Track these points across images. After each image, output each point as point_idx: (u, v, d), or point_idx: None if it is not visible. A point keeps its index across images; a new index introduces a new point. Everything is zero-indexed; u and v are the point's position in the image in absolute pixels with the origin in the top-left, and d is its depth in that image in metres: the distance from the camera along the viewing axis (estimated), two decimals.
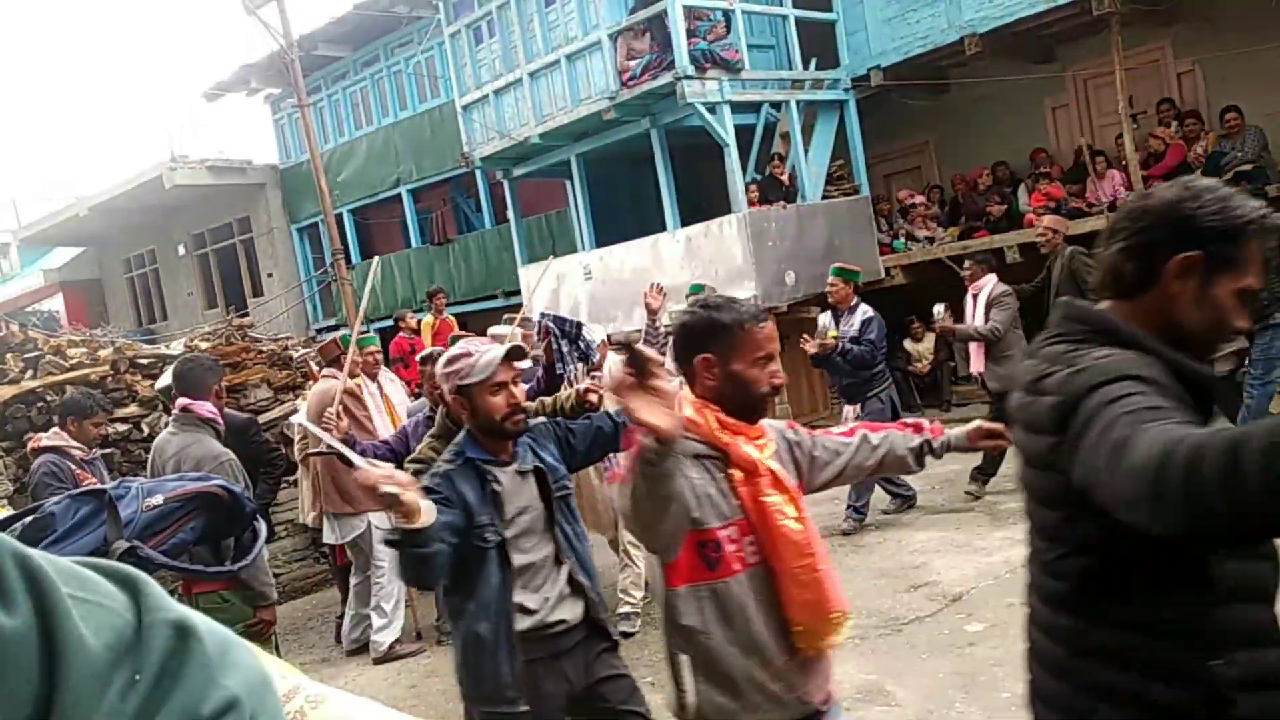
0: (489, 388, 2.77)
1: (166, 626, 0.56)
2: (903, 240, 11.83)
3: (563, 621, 2.86)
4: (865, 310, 6.82)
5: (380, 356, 6.53)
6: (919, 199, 12.10)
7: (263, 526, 3.30)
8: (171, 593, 3.87)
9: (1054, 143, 11.77)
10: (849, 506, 6.89)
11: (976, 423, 2.52)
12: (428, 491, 2.58)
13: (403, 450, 4.32)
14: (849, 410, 6.88)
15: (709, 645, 2.09)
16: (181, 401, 4.18)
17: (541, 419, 3.16)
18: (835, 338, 6.72)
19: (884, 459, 2.47)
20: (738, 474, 2.12)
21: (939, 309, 7.26)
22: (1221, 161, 9.40)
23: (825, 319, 7.13)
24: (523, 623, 2.79)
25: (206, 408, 4.16)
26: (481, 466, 2.79)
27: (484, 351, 2.80)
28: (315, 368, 6.48)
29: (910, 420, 2.64)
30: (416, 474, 3.30)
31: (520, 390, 2.87)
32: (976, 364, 7.31)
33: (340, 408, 4.45)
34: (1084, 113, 11.71)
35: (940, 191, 12.52)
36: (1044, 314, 6.69)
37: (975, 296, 7.30)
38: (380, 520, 5.94)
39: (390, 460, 4.33)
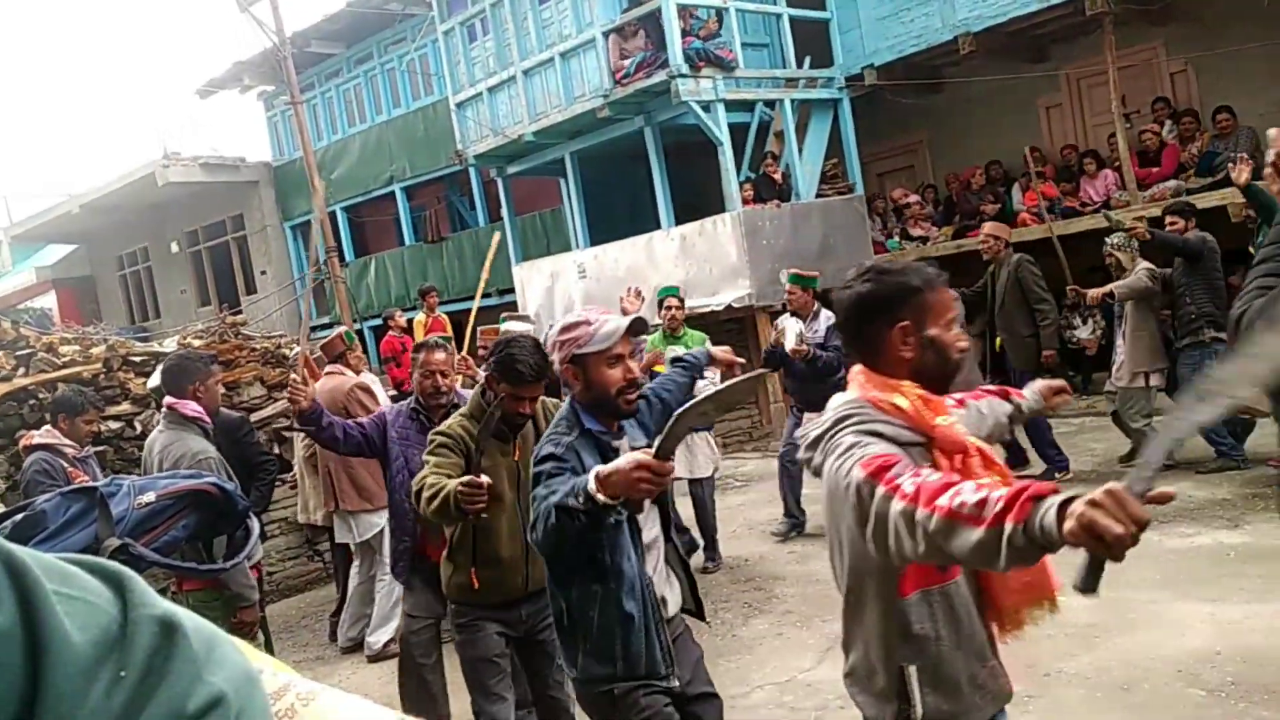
0: (607, 359, 2.59)
1: (152, 623, 0.55)
2: (897, 239, 11.84)
3: (664, 601, 2.73)
4: (829, 316, 6.50)
5: (363, 356, 6.53)
6: (913, 198, 12.11)
7: (255, 525, 3.30)
8: (163, 590, 3.87)
9: (1048, 142, 11.79)
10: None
11: (1042, 382, 2.49)
12: (553, 459, 2.52)
13: (376, 435, 4.16)
14: (810, 417, 6.71)
15: (939, 651, 1.94)
16: (167, 400, 4.20)
17: None
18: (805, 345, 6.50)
19: (992, 427, 2.38)
20: (942, 459, 1.93)
21: None
22: (1215, 161, 9.43)
23: (789, 321, 6.85)
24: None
25: (191, 406, 4.17)
26: (601, 439, 2.63)
27: (605, 320, 2.62)
28: (315, 365, 6.45)
29: (991, 387, 2.57)
30: (440, 446, 3.29)
31: (637, 365, 2.71)
32: None
33: (300, 382, 4.32)
34: (1077, 112, 11.73)
35: (934, 190, 12.53)
36: (988, 319, 6.67)
37: None
38: None
39: (361, 442, 4.16)
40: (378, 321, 14.17)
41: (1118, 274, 6.87)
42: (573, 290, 12.29)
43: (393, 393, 10.05)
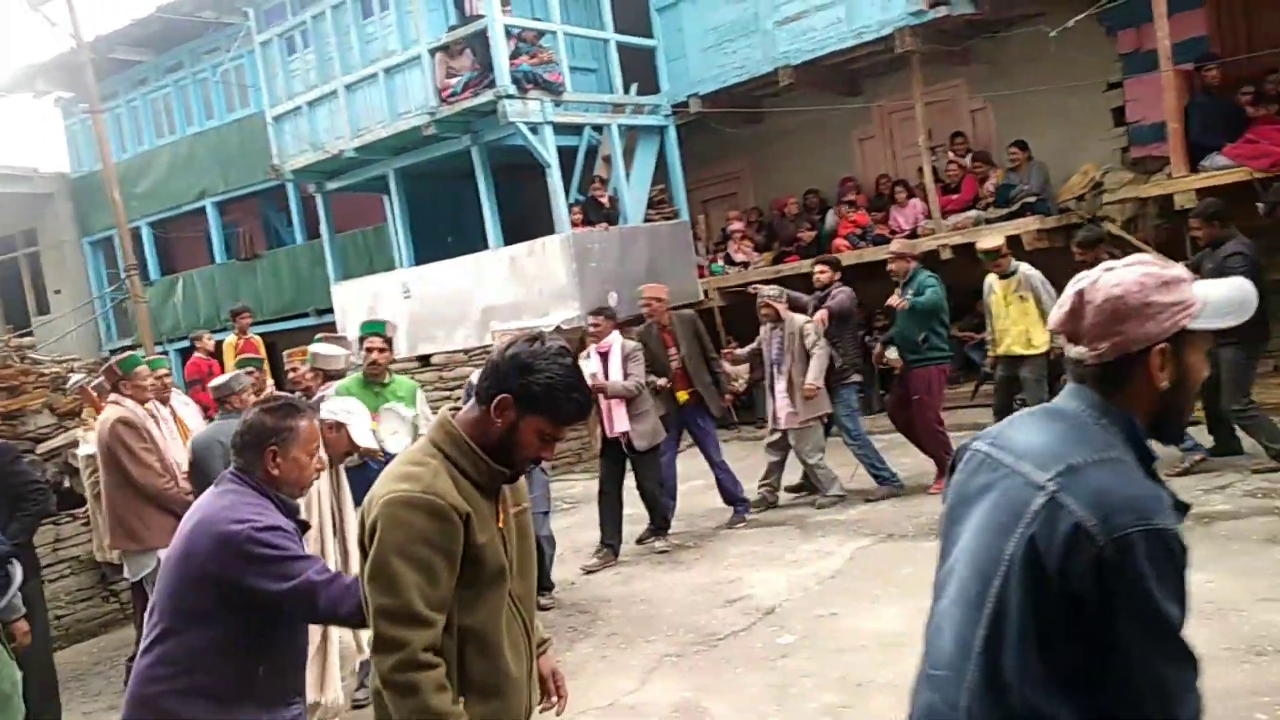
0: (1204, 342, 1.61)
1: None
2: (721, 264, 12.12)
3: None
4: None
5: (171, 380, 6.13)
6: (736, 225, 12.45)
7: (18, 570, 2.98)
8: None
9: (861, 172, 12.35)
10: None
11: None
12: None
13: None
14: None
15: None
16: None
17: None
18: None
19: None
20: None
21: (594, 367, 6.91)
22: (1010, 194, 10.11)
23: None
24: None
25: None
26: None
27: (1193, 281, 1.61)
28: (95, 394, 6.01)
29: None
30: (425, 545, 1.99)
31: None
32: (620, 424, 6.69)
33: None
34: (888, 144, 12.34)
35: (759, 214, 12.87)
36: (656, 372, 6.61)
37: (605, 355, 6.81)
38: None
39: None
40: (186, 344, 13.41)
41: (774, 325, 7.35)
42: (396, 311, 11.98)
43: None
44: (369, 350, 5.40)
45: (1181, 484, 6.44)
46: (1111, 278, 1.59)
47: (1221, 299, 1.58)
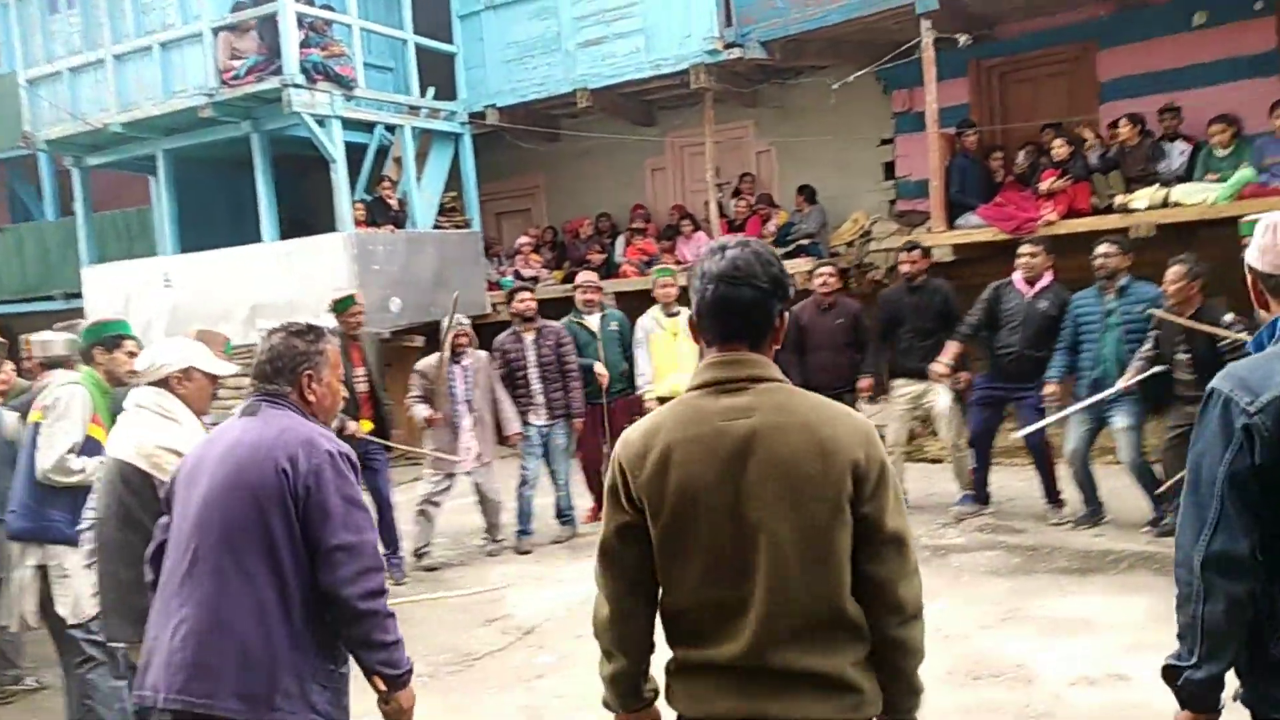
0: None
1: None
2: (510, 279, 12.03)
3: None
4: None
5: None
6: (524, 240, 12.42)
7: None
8: None
9: (652, 200, 12.61)
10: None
11: None
12: None
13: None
14: None
15: None
16: None
17: None
18: None
19: None
20: None
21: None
22: (789, 234, 10.62)
23: None
24: None
25: None
26: None
27: None
28: None
29: None
30: None
31: None
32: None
33: None
34: (679, 176, 12.67)
35: (555, 232, 12.87)
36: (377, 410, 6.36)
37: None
38: None
39: None
40: None
41: (455, 358, 6.85)
42: (156, 300, 11.16)
43: None
44: (131, 355, 4.43)
45: (920, 519, 6.92)
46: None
47: None
